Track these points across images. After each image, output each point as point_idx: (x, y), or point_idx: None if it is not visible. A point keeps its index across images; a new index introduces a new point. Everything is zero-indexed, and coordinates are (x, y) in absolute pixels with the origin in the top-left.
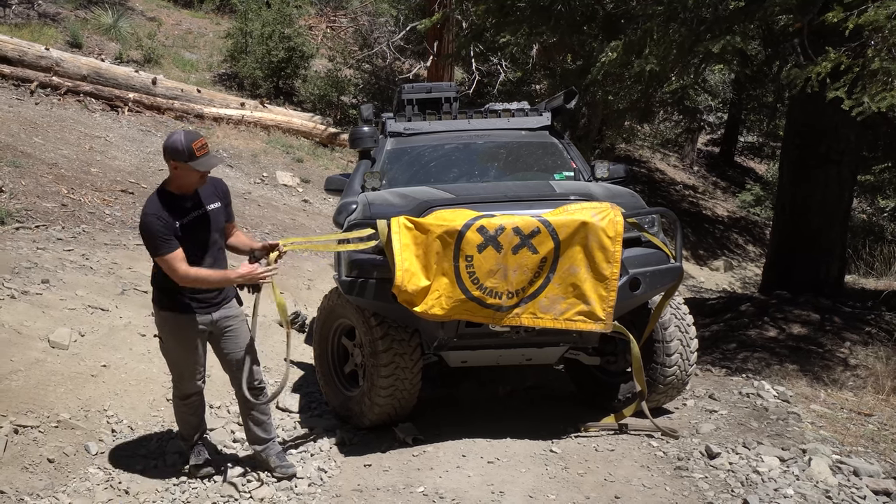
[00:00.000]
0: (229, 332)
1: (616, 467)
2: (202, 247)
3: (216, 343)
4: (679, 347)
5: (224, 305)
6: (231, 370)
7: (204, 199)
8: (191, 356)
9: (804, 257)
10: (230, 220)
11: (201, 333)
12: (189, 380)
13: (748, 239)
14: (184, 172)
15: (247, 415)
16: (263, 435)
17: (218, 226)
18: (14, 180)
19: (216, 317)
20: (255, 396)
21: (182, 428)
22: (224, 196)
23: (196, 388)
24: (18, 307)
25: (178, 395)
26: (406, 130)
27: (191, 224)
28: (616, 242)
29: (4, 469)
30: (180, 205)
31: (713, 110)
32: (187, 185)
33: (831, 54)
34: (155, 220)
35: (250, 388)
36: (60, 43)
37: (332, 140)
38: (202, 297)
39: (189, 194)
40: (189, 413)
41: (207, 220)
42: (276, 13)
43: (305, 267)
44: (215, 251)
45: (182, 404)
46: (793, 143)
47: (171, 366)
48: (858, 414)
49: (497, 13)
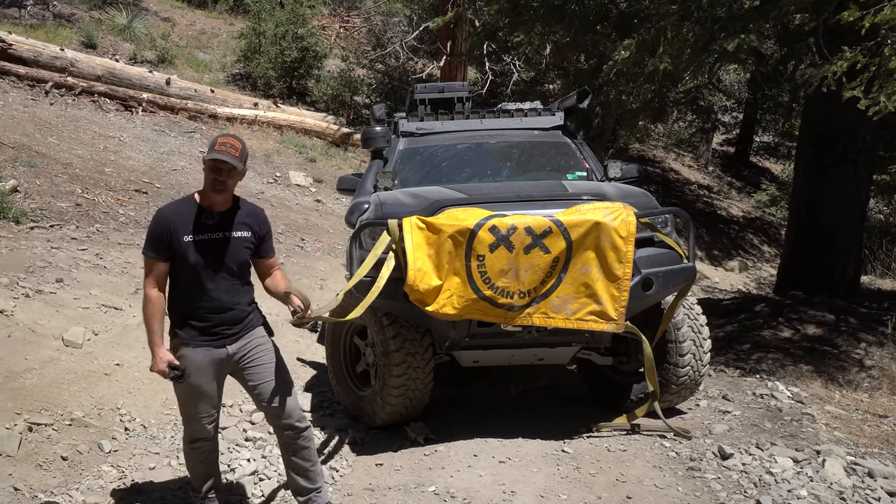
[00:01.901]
0: (252, 364)
1: (628, 467)
2: (212, 273)
3: (240, 378)
4: (692, 348)
5: (243, 336)
6: (262, 406)
7: (231, 224)
8: (196, 396)
9: (820, 258)
10: (265, 256)
11: (212, 370)
12: (195, 423)
13: (763, 239)
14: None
15: (286, 459)
16: (307, 484)
17: (238, 256)
18: (29, 180)
19: (233, 350)
20: (293, 438)
21: (192, 476)
22: (259, 226)
23: (204, 432)
24: (33, 306)
25: (187, 438)
26: (418, 130)
27: (204, 244)
28: (628, 242)
29: (19, 466)
30: (202, 220)
31: (728, 110)
32: (208, 190)
33: (847, 53)
34: (161, 223)
35: (286, 427)
36: (75, 43)
37: (345, 140)
38: (215, 330)
39: (215, 210)
40: (197, 459)
41: (225, 247)
42: (290, 13)
43: (318, 266)
44: (230, 282)
45: (189, 448)
46: (808, 142)
47: (179, 404)
48: (873, 415)
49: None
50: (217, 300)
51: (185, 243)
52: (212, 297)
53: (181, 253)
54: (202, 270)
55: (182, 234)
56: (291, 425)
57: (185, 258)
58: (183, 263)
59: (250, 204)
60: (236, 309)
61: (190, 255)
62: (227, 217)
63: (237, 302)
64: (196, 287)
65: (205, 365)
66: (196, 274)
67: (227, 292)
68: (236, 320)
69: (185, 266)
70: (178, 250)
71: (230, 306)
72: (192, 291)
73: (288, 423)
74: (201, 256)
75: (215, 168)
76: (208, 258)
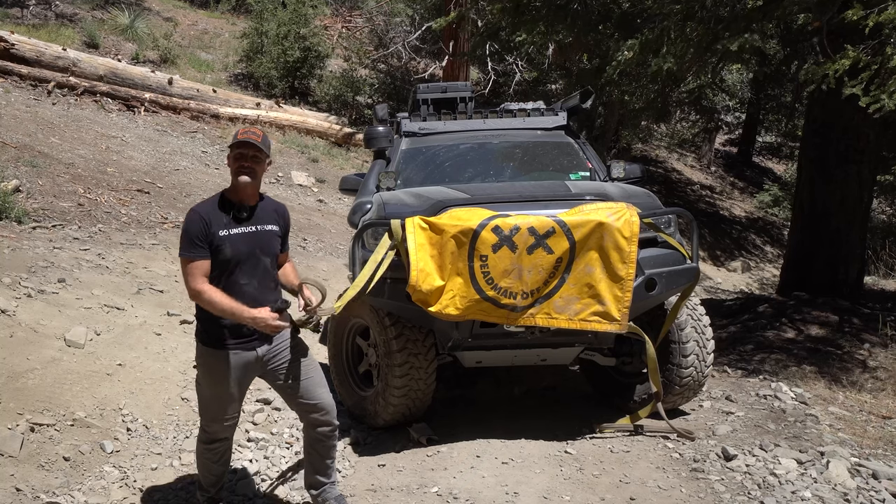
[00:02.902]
0: (281, 364)
1: (631, 469)
2: (247, 267)
3: (270, 380)
4: (695, 348)
5: (273, 337)
6: (297, 402)
7: (262, 218)
8: (222, 397)
9: (823, 258)
10: (283, 251)
11: (240, 373)
12: (216, 422)
13: (766, 240)
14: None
15: (310, 455)
16: (322, 479)
17: (270, 250)
18: (31, 180)
19: (262, 352)
20: (326, 435)
21: (202, 476)
22: (284, 222)
23: (224, 432)
24: (35, 306)
25: (203, 438)
26: (421, 130)
27: (239, 238)
28: (632, 243)
29: (21, 467)
30: (235, 214)
31: (731, 110)
32: (235, 182)
33: (850, 52)
34: (197, 220)
35: (322, 424)
36: (77, 43)
37: (348, 140)
38: (245, 331)
39: (245, 204)
40: (212, 460)
41: (260, 240)
42: (292, 13)
43: (321, 266)
44: (263, 277)
45: (205, 449)
46: (812, 142)
47: (200, 404)
48: (877, 416)
49: (513, 12)
50: (250, 296)
51: (221, 237)
52: (245, 294)
53: (217, 248)
54: (238, 265)
55: (218, 230)
56: (329, 422)
57: (221, 253)
58: (218, 259)
59: (273, 199)
60: (268, 306)
61: (226, 249)
62: (258, 211)
63: (270, 299)
64: (230, 282)
65: (234, 368)
66: (232, 269)
67: (259, 288)
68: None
69: (220, 262)
70: (214, 246)
71: (263, 303)
72: (227, 288)
73: (326, 420)
74: (238, 250)
75: (240, 155)
76: (244, 252)
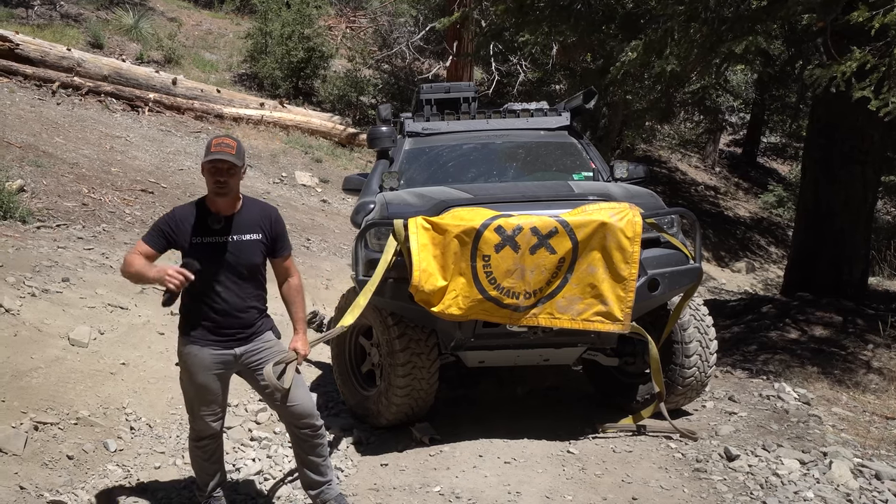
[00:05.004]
0: (259, 365)
1: (634, 469)
2: (219, 277)
3: (251, 378)
4: (698, 349)
5: (252, 340)
6: (273, 406)
7: (241, 227)
8: (201, 393)
9: (827, 259)
10: (280, 255)
11: (217, 370)
12: (199, 420)
13: (770, 240)
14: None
15: (299, 456)
16: (318, 478)
17: (246, 260)
18: (36, 180)
19: (240, 351)
20: (309, 436)
21: (197, 475)
22: (271, 226)
23: (209, 429)
24: (39, 305)
25: (192, 435)
26: (424, 130)
27: (207, 247)
28: (634, 243)
29: (25, 465)
30: (207, 223)
31: (735, 111)
32: (212, 194)
33: (857, 53)
34: (169, 219)
35: (303, 426)
36: (82, 43)
37: (351, 140)
38: (224, 332)
39: (221, 214)
40: (202, 458)
41: (232, 251)
42: (296, 13)
43: (324, 266)
44: (236, 286)
45: (195, 447)
46: (816, 143)
47: (185, 400)
48: (881, 417)
49: (516, 12)
50: (226, 302)
51: (193, 244)
52: (221, 300)
53: (188, 254)
54: (207, 273)
55: (188, 236)
56: (308, 423)
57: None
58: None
59: (260, 203)
60: (247, 313)
61: (194, 257)
62: (236, 220)
63: (248, 306)
64: (204, 288)
65: (211, 364)
66: (202, 276)
67: (236, 296)
68: (245, 325)
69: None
70: (185, 251)
71: (240, 309)
72: (201, 292)
73: (305, 423)
74: (205, 259)
75: (215, 170)
76: (212, 262)
